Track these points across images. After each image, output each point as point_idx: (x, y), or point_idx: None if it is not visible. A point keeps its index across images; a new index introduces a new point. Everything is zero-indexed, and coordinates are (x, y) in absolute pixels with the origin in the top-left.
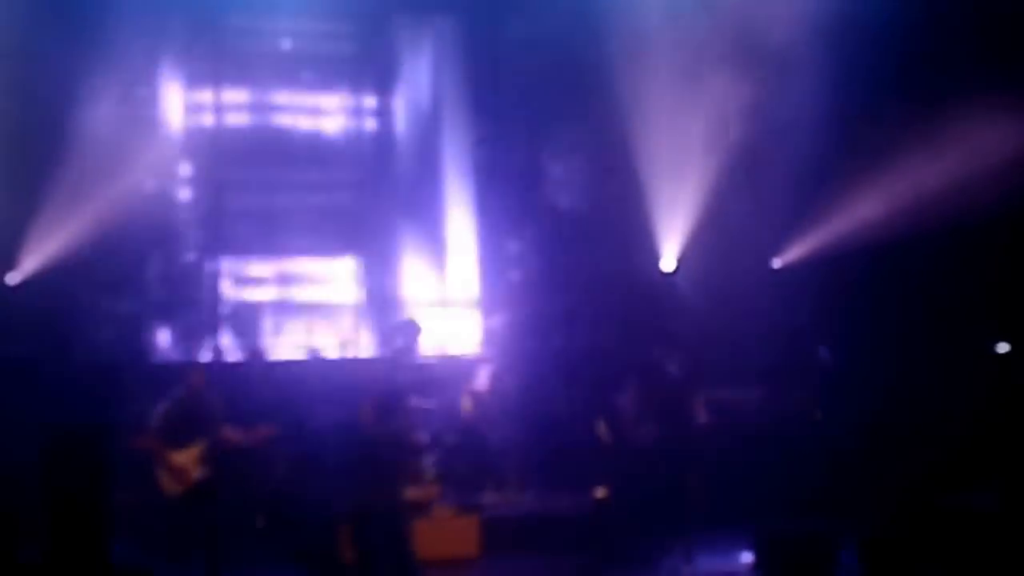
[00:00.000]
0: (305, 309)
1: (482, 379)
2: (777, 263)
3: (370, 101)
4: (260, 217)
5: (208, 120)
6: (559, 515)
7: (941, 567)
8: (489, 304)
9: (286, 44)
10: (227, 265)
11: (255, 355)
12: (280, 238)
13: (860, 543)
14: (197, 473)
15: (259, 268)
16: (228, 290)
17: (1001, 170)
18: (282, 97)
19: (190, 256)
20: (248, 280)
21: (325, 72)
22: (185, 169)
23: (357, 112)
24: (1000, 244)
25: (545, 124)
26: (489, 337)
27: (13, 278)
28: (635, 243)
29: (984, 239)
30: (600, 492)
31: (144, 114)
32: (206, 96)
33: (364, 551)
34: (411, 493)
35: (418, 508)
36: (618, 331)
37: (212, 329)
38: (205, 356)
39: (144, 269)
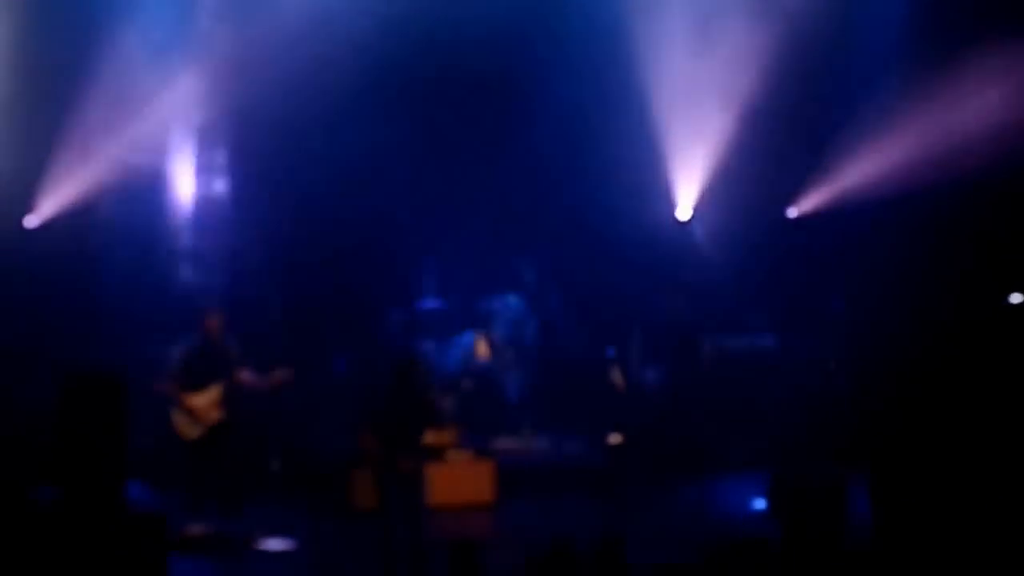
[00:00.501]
0: None
1: (499, 324)
2: (792, 212)
3: None
4: None
5: None
6: (574, 460)
7: (954, 512)
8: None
9: None
10: None
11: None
12: None
13: (872, 489)
14: (214, 416)
15: None
16: None
17: (1017, 120)
18: None
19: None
20: None
21: None
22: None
23: None
24: (1016, 194)
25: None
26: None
27: (31, 221)
28: (651, 191)
29: (1000, 189)
30: (615, 438)
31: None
32: None
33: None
34: (427, 438)
35: (434, 453)
36: (634, 277)
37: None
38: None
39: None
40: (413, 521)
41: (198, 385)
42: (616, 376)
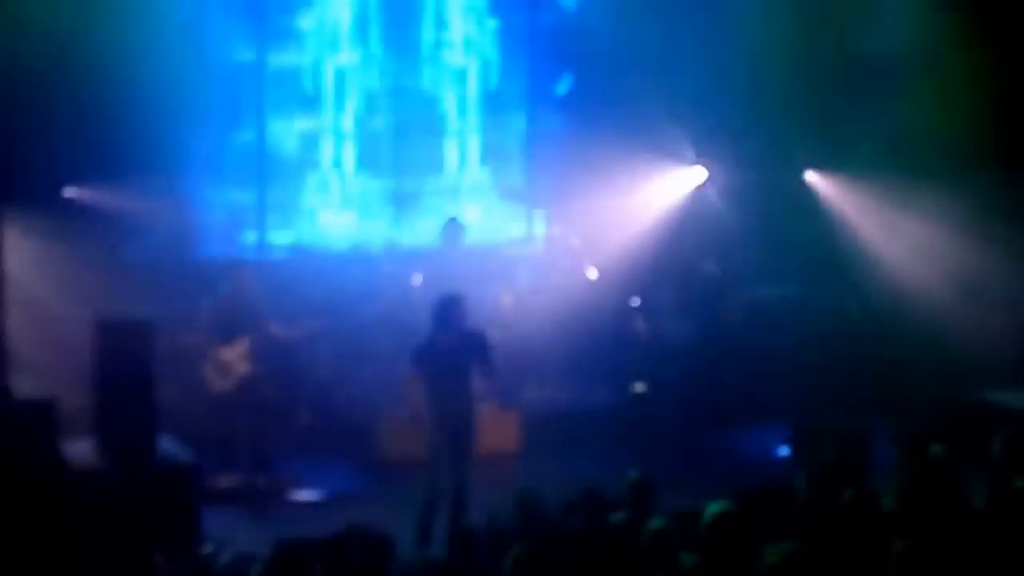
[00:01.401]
0: None
1: (523, 275)
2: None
3: None
4: None
5: None
6: (598, 411)
7: (977, 462)
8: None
9: None
10: None
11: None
12: None
13: (896, 439)
14: (243, 369)
15: None
16: None
17: None
18: None
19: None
20: None
21: None
22: None
23: None
24: None
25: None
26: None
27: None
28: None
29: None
30: (639, 388)
31: None
32: None
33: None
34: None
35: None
36: (657, 230)
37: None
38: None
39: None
40: (459, 468)
41: (228, 337)
42: (640, 325)
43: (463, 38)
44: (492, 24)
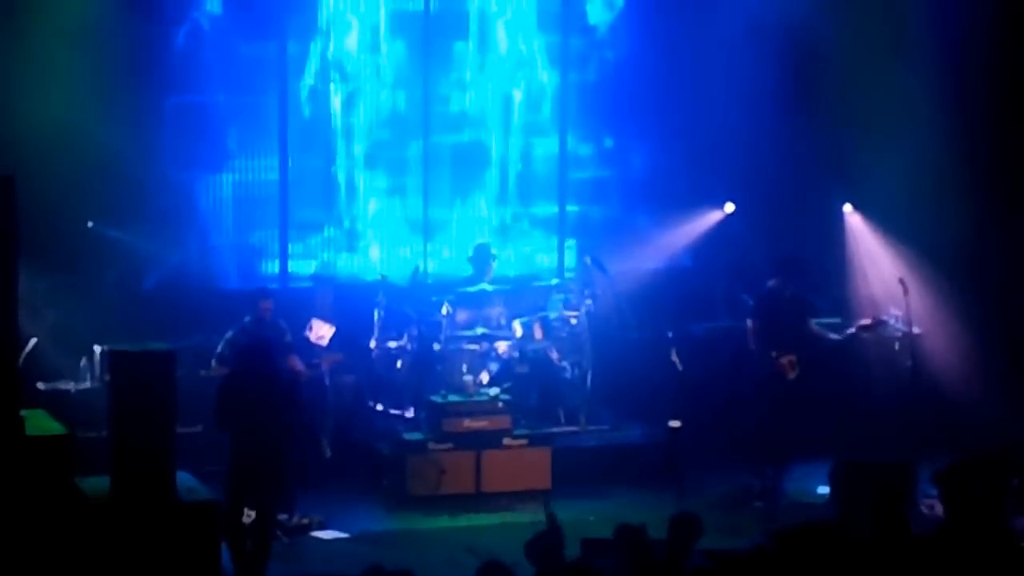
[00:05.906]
0: None
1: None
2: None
3: None
4: None
5: None
6: (632, 446)
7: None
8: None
9: None
10: None
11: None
12: None
13: (940, 475)
14: None
15: None
16: None
17: None
18: None
19: None
20: None
21: None
22: None
23: None
24: None
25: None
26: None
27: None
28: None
29: None
30: (673, 423)
31: None
32: None
33: None
34: (479, 424)
35: (488, 439)
36: (690, 258)
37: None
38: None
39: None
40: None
41: None
42: (675, 359)
43: (511, 61)
44: (540, 41)
